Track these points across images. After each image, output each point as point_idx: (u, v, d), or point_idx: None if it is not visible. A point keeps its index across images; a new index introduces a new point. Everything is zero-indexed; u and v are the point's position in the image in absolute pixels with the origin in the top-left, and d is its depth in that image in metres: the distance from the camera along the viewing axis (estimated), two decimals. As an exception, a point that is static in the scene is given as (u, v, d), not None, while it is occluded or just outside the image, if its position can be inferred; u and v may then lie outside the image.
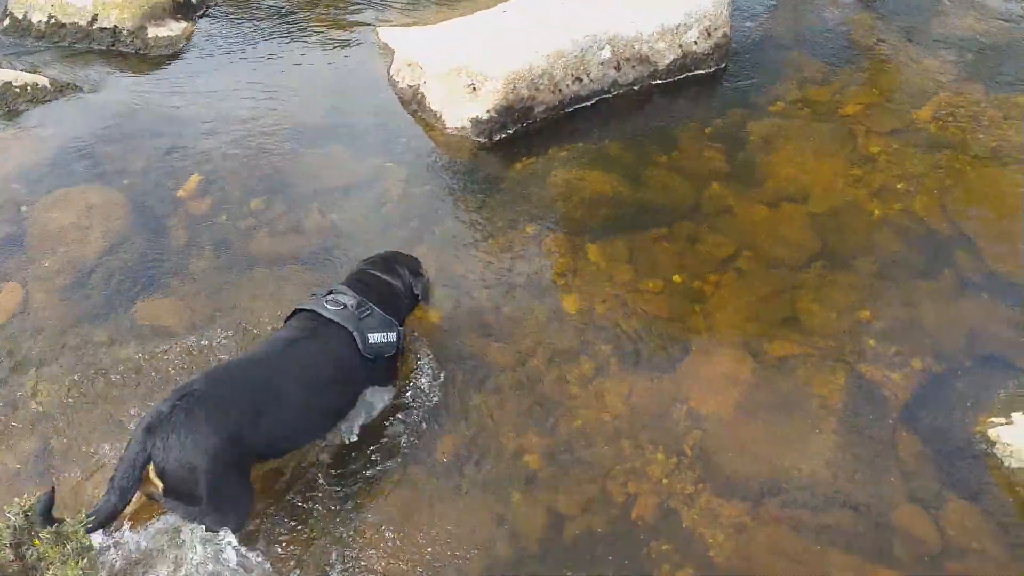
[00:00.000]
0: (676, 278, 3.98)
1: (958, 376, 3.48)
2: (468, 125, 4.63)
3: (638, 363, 3.57)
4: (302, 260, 4.00)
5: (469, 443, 3.24)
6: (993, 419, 3.24)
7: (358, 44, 5.56)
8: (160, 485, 2.56)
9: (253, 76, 5.24)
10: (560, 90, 4.73)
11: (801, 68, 5.37)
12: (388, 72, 5.18)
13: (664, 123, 4.94)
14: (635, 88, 5.04)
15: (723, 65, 5.27)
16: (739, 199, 4.41)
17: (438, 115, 4.72)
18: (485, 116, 4.58)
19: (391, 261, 3.40)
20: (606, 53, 4.79)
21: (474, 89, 4.56)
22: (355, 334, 3.01)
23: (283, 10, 5.91)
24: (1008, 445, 3.11)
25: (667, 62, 5.01)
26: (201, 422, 2.58)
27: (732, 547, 2.95)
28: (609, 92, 4.95)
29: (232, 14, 5.86)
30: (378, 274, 3.31)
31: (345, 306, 3.06)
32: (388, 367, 3.25)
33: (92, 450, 3.14)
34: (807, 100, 5.09)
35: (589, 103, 4.94)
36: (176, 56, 5.41)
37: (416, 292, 3.39)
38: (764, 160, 4.66)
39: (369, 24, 5.72)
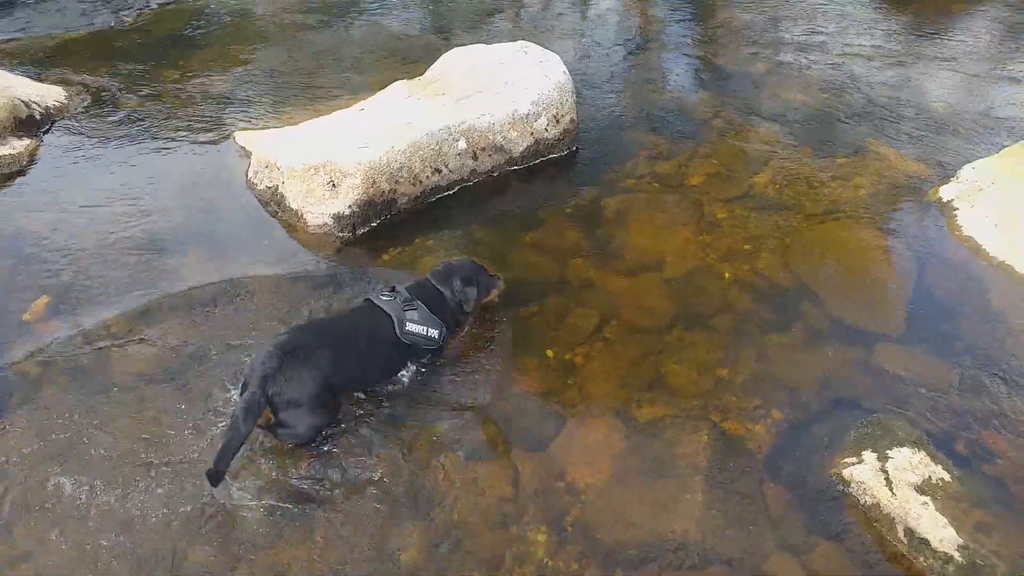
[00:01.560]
0: (549, 353, 4.05)
1: (813, 422, 3.66)
2: (330, 221, 4.64)
3: (516, 443, 3.58)
4: (162, 376, 3.82)
5: (343, 543, 3.12)
6: (846, 459, 3.41)
7: (215, 149, 5.54)
8: (271, 418, 3.33)
9: (104, 187, 5.11)
10: (420, 181, 4.84)
11: (648, 145, 5.73)
12: (247, 175, 5.16)
13: (525, 206, 5.12)
14: (494, 175, 5.23)
15: (574, 148, 5.56)
16: (600, 272, 4.58)
17: (299, 214, 4.72)
18: (347, 211, 4.61)
19: (449, 272, 4.00)
20: (462, 144, 4.96)
21: (333, 186, 4.60)
22: (394, 318, 3.70)
23: (138, 118, 5.84)
24: (861, 483, 3.26)
25: (521, 149, 5.24)
26: (303, 372, 3.33)
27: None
28: (469, 180, 5.11)
29: (82, 126, 5.74)
30: (433, 282, 3.97)
31: (394, 299, 3.78)
32: (427, 357, 3.89)
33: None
34: (655, 174, 5.42)
35: (451, 192, 5.08)
36: (20, 174, 5.21)
37: (461, 300, 3.96)
38: (620, 233, 4.88)
39: (227, 128, 5.72)
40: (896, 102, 6.39)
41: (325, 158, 4.68)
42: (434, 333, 3.81)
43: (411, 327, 3.74)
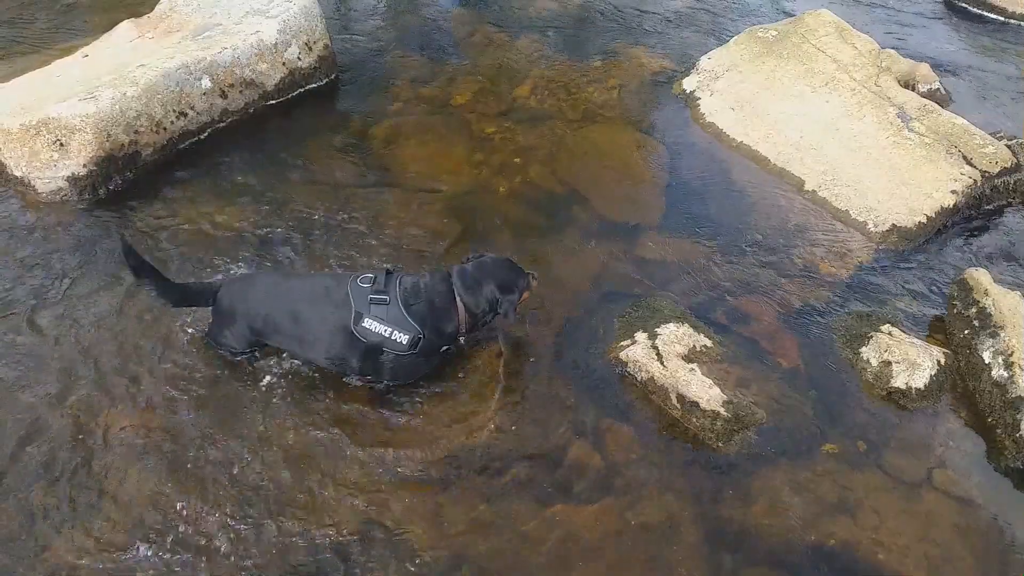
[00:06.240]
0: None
1: (592, 314, 3.89)
2: (66, 185, 4.14)
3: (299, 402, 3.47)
4: None
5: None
6: (622, 343, 3.67)
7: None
8: None
9: None
10: (165, 128, 4.42)
11: (410, 68, 5.62)
12: (-48, 145, 4.43)
13: (290, 142, 4.86)
14: (250, 112, 4.89)
15: (333, 76, 5.32)
16: (379, 201, 4.49)
17: (26, 181, 4.15)
18: (83, 171, 4.13)
19: (481, 276, 3.36)
20: (206, 83, 4.57)
21: (62, 145, 4.08)
22: (353, 309, 3.19)
23: None
24: (637, 362, 3.54)
25: (275, 82, 4.93)
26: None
27: (431, 536, 3.01)
28: (222, 121, 4.75)
29: None
30: (450, 284, 3.34)
31: (370, 285, 3.24)
32: (391, 365, 3.30)
33: None
34: (421, 97, 5.34)
35: (202, 136, 4.69)
36: None
37: (499, 311, 3.40)
38: (394, 160, 4.80)
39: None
40: (640, 2, 6.71)
41: (47, 115, 4.11)
42: (402, 338, 3.21)
43: (370, 324, 3.19)
